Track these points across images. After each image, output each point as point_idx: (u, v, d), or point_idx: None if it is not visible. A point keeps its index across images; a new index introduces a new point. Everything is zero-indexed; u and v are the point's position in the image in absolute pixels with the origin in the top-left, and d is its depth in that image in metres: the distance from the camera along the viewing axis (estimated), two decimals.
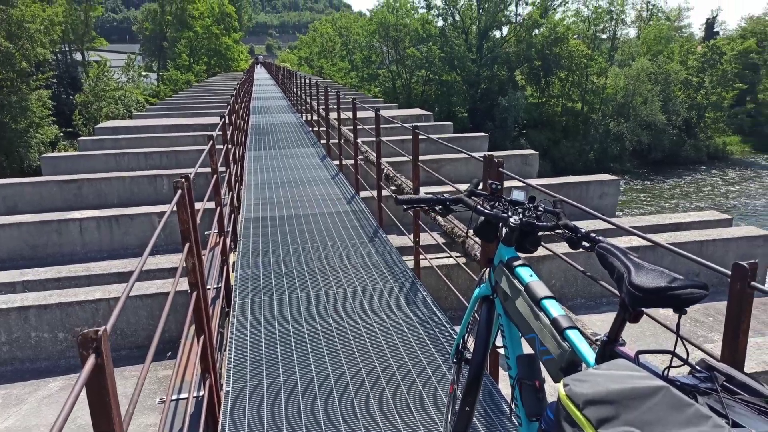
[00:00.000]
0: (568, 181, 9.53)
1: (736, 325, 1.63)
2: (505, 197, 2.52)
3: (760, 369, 3.47)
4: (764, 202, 29.22)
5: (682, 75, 39.15)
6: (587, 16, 43.03)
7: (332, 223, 6.66)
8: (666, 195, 31.12)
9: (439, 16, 42.75)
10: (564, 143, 37.74)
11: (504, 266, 2.36)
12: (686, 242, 6.04)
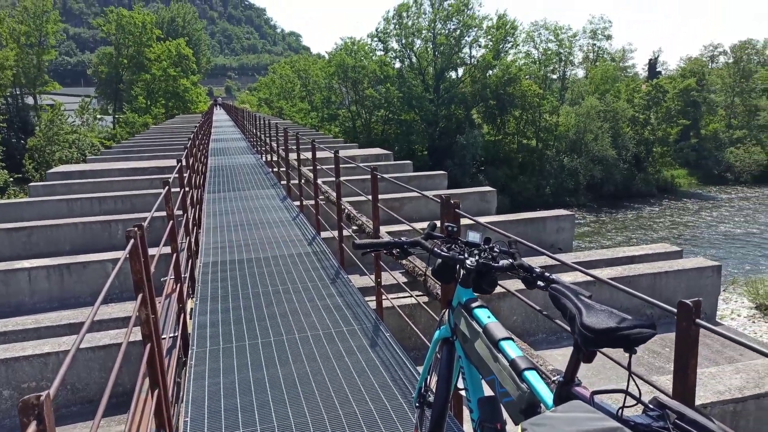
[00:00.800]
0: (526, 217, 9.75)
1: (685, 362, 1.68)
2: (461, 239, 2.56)
3: (715, 399, 3.56)
4: (711, 233, 30.45)
5: (629, 112, 40.99)
6: (537, 58, 44.91)
7: (293, 265, 6.60)
8: (620, 227, 32.12)
9: (396, 58, 43.87)
10: (521, 179, 38.70)
11: (462, 308, 2.37)
12: (640, 275, 6.22)
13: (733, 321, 19.13)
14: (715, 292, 6.41)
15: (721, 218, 33.61)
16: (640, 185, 39.77)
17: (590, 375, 4.85)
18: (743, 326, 18.96)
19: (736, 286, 21.93)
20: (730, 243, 28.66)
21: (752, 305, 20.04)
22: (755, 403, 3.60)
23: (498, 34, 42.15)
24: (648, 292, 6.30)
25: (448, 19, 41.22)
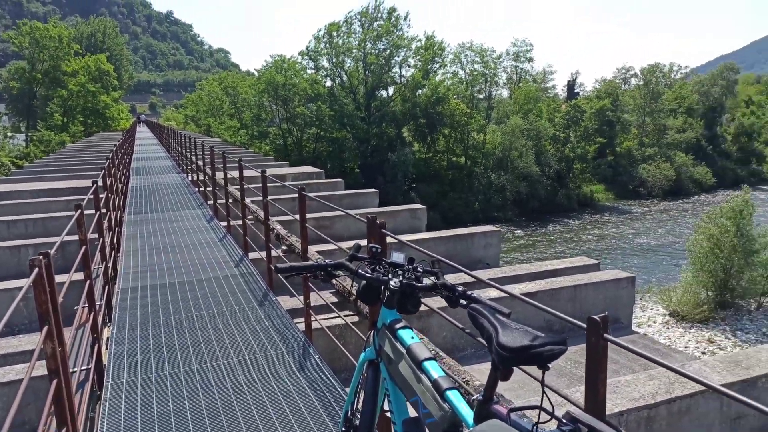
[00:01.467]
0: (455, 234, 9.95)
1: (595, 375, 1.75)
2: (386, 260, 2.56)
3: (630, 406, 3.73)
4: (627, 245, 32.27)
5: (551, 131, 42.97)
6: (465, 79, 46.38)
7: (219, 288, 6.39)
8: (544, 241, 33.42)
9: (327, 76, 44.02)
10: (451, 195, 39.57)
11: (387, 329, 2.37)
12: (562, 288, 6.48)
13: (649, 328, 20.25)
14: (631, 302, 6.77)
15: (636, 230, 35.70)
16: (563, 200, 41.61)
17: (516, 387, 4.98)
18: (659, 332, 20.11)
19: (651, 295, 23.28)
20: (644, 253, 30.47)
21: (666, 312, 21.31)
22: (666, 408, 3.80)
23: (426, 54, 43.24)
24: (569, 303, 6.57)
25: (378, 39, 41.89)
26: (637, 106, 51.63)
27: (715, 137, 53.19)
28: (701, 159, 49.75)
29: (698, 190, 47.39)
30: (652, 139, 50.88)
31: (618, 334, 6.34)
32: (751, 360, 4.31)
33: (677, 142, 49.88)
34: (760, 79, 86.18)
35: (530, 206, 40.53)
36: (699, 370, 4.19)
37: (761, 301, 21.61)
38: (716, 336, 19.55)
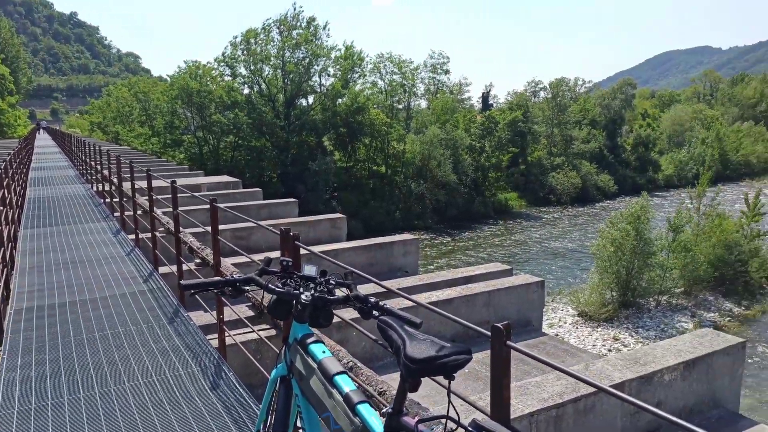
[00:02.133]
0: (376, 243, 10.00)
1: (500, 382, 1.80)
2: (297, 273, 2.52)
3: (540, 406, 3.88)
4: (539, 249, 33.85)
5: (467, 141, 44.39)
6: (384, 89, 47.01)
7: (125, 306, 6.03)
8: (462, 247, 34.39)
9: (245, 84, 43.11)
10: (373, 204, 39.85)
11: (298, 344, 2.33)
12: (477, 293, 6.67)
13: (560, 328, 21.30)
14: (541, 305, 7.08)
15: (547, 236, 37.52)
16: (479, 207, 43.04)
17: (434, 394, 5.05)
18: (569, 332, 21.19)
19: (561, 296, 24.50)
20: (555, 257, 32.07)
21: (575, 313, 22.49)
22: (573, 407, 3.99)
23: (346, 64, 43.42)
24: (485, 308, 6.77)
25: (297, 48, 41.58)
26: (546, 117, 54.46)
27: (616, 147, 57.09)
28: (604, 167, 53.17)
29: (602, 196, 50.59)
30: (560, 149, 53.79)
31: (530, 336, 6.61)
32: (648, 357, 4.62)
33: (583, 151, 53.04)
34: (654, 94, 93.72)
35: (449, 214, 41.58)
36: (602, 368, 4.44)
37: (659, 299, 23.33)
38: (621, 334, 20.86)
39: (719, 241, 23.85)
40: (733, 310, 22.78)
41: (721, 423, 4.59)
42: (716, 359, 4.66)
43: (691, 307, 22.90)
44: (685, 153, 59.55)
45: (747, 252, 24.28)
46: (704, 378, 4.64)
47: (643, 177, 55.38)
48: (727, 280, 24.00)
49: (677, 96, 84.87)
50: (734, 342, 4.77)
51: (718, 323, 21.70)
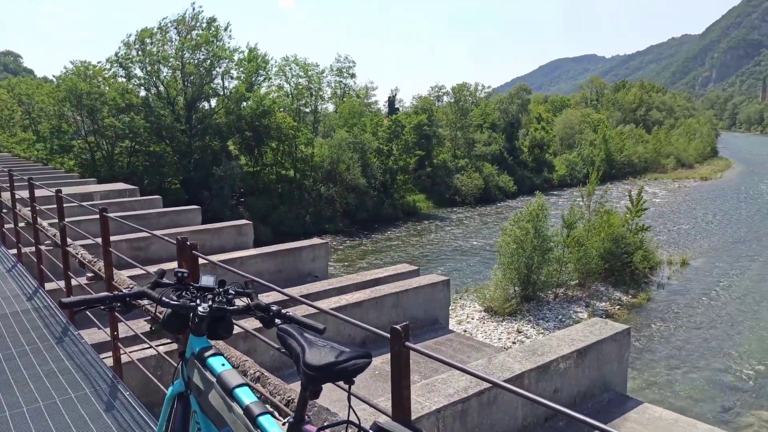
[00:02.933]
0: (283, 248, 9.83)
1: (400, 382, 1.82)
2: (194, 284, 2.43)
3: (446, 402, 3.99)
4: (445, 249, 34.90)
5: (375, 144, 44.91)
6: (290, 92, 46.48)
7: (7, 328, 5.51)
8: (373, 250, 34.73)
9: (141, 85, 40.91)
10: (282, 208, 39.24)
11: (195, 358, 2.25)
12: (386, 295, 6.75)
13: (468, 324, 22.05)
14: (447, 303, 7.30)
15: (454, 235, 38.77)
16: (389, 210, 43.67)
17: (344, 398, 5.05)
18: (476, 327, 21.99)
19: (469, 293, 25.39)
20: (463, 256, 33.20)
21: (482, 308, 23.39)
22: (477, 400, 4.15)
23: (250, 66, 42.46)
24: (393, 309, 6.87)
25: (197, 49, 40.05)
26: (450, 121, 56.34)
27: (515, 149, 60.15)
28: (504, 169, 55.84)
29: (503, 196, 53.07)
30: (463, 152, 55.82)
31: (437, 333, 6.80)
32: (545, 347, 4.90)
33: (484, 154, 55.38)
34: (547, 99, 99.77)
35: (359, 217, 41.82)
36: (503, 361, 4.65)
37: (557, 292, 24.80)
38: (523, 326, 21.95)
39: (608, 236, 25.77)
40: (622, 298, 24.69)
41: (611, 405, 4.96)
42: (605, 346, 5.03)
43: (585, 297, 24.55)
44: (575, 154, 63.91)
45: (632, 245, 26.42)
46: (595, 364, 4.99)
47: (539, 177, 58.74)
48: (616, 271, 25.98)
49: (567, 101, 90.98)
50: (620, 329, 5.18)
51: (609, 312, 23.44)
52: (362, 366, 1.66)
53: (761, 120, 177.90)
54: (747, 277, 27.55)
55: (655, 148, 73.36)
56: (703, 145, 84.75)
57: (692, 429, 4.46)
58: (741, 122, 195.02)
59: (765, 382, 17.28)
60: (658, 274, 27.89)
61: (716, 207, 47.69)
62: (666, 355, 19.36)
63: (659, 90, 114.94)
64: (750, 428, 14.87)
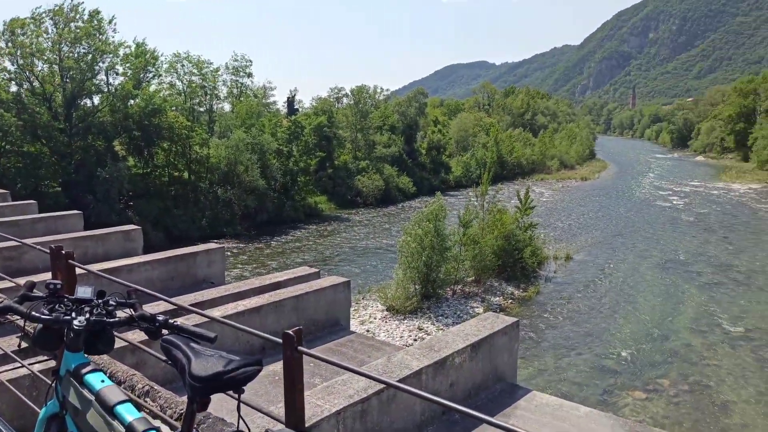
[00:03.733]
0: (175, 254, 9.36)
1: (293, 386, 1.80)
2: (69, 296, 2.25)
3: (346, 403, 4.01)
4: (348, 251, 35.09)
5: (274, 145, 44.14)
6: (182, 90, 44.46)
7: None
8: (274, 253, 34.12)
9: (11, 80, 37.24)
10: (176, 212, 37.44)
11: (71, 376, 2.08)
12: (285, 299, 6.65)
13: (371, 324, 22.31)
14: (348, 305, 7.33)
15: (356, 236, 39.04)
16: (290, 212, 43.12)
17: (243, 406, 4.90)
18: (379, 327, 22.30)
19: (371, 293, 25.69)
20: (366, 256, 33.51)
21: (384, 308, 23.76)
22: (377, 399, 4.20)
23: (137, 62, 40.08)
24: (294, 313, 6.78)
25: (77, 42, 37.13)
26: (350, 123, 56.69)
27: (413, 151, 61.73)
28: (404, 170, 57.13)
29: (403, 197, 54.27)
30: (364, 153, 56.38)
31: (338, 335, 6.81)
32: (441, 343, 5.07)
33: (384, 155, 56.30)
34: (442, 102, 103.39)
35: (259, 219, 40.90)
36: (402, 359, 4.75)
37: (455, 289, 25.77)
38: (424, 323, 22.58)
39: (500, 234, 27.20)
40: (514, 293, 26.14)
41: (503, 394, 5.23)
42: (497, 339, 5.30)
43: (481, 293, 25.72)
44: (470, 156, 66.78)
45: (522, 241, 28.08)
46: (488, 356, 5.24)
47: (437, 178, 60.71)
48: (508, 267, 27.48)
49: (462, 105, 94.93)
50: (510, 322, 5.48)
51: (503, 306, 24.72)
52: (252, 374, 1.62)
53: (632, 125, 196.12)
54: (623, 268, 30.23)
55: (541, 150, 78.46)
56: (582, 148, 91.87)
57: (575, 412, 4.82)
58: (615, 127, 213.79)
59: (639, 364, 19.05)
60: (546, 268, 29.85)
61: (595, 205, 51.88)
62: (554, 344, 20.75)
63: (544, 96, 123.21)
64: (627, 408, 16.30)
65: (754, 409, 15.87)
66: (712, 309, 23.80)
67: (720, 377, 17.85)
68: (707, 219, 43.50)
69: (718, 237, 37.15)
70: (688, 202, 51.63)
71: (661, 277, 28.80)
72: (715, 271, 29.23)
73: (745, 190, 57.69)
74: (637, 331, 21.77)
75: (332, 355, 6.38)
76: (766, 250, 33.47)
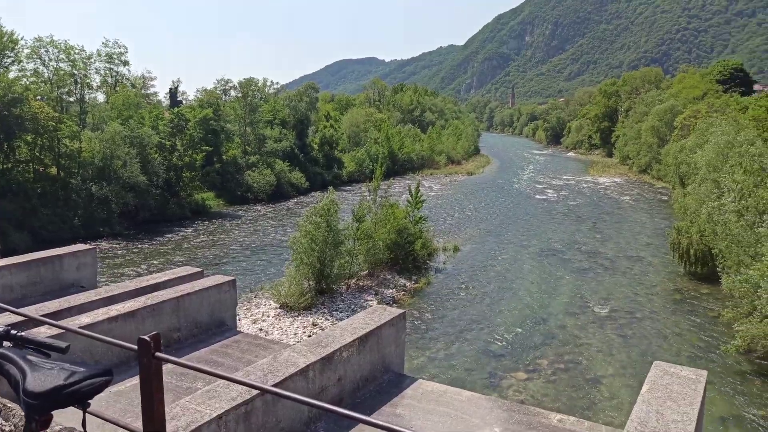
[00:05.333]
0: (39, 257, 8.48)
1: (150, 396, 1.65)
2: None
3: (228, 407, 3.82)
4: (239, 248, 34.00)
5: (156, 139, 41.60)
6: (49, 78, 40.52)
7: None
8: (157, 253, 32.23)
9: None
10: (43, 211, 34.12)
11: None
12: (164, 301, 6.25)
13: (264, 322, 21.79)
14: (233, 304, 7.05)
15: (248, 233, 37.92)
16: (175, 209, 40.95)
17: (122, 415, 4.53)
18: (272, 325, 21.85)
19: (264, 291, 25.09)
20: (258, 254, 32.63)
21: (278, 306, 23.32)
22: (261, 399, 4.06)
23: None
24: (174, 315, 6.41)
25: None
26: (238, 116, 54.87)
27: (305, 146, 61.10)
28: (296, 165, 56.38)
29: (296, 192, 53.57)
30: (254, 148, 54.88)
31: (224, 336, 6.52)
32: (329, 339, 5.01)
33: (276, 150, 55.19)
34: (334, 98, 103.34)
35: (140, 217, 38.46)
36: (289, 357, 4.63)
37: (349, 283, 25.89)
38: (318, 319, 22.46)
39: (393, 227, 27.74)
40: (406, 284, 26.81)
41: (390, 385, 5.29)
42: (384, 331, 5.35)
43: (374, 286, 26.08)
44: (362, 151, 67.36)
45: (414, 235, 28.85)
46: (375, 348, 5.27)
47: (330, 173, 60.60)
48: (400, 259, 28.11)
49: (353, 100, 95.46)
50: (397, 314, 5.55)
51: (396, 297, 25.26)
52: (99, 385, 1.46)
53: (512, 122, 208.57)
54: (506, 258, 32.08)
55: (430, 146, 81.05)
56: (468, 144, 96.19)
57: (458, 397, 4.99)
58: (497, 124, 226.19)
59: (521, 346, 20.32)
60: (436, 259, 30.93)
61: (480, 198, 54.56)
62: (444, 332, 21.56)
63: (431, 94, 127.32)
64: (511, 388, 17.34)
65: (619, 380, 17.54)
66: (582, 292, 25.96)
67: (590, 354, 19.53)
68: (578, 210, 47.35)
69: (588, 226, 40.57)
70: (561, 195, 55.85)
71: (539, 264, 30.91)
72: (585, 258, 31.90)
73: (610, 183, 63.51)
74: (519, 316, 23.22)
75: (218, 356, 6.10)
76: (627, 238, 37.11)
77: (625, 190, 58.37)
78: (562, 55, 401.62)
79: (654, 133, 61.71)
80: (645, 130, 64.30)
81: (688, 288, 26.32)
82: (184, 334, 6.32)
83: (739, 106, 43.49)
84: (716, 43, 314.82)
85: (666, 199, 50.69)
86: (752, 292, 18.57)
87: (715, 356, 19.13)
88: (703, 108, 49.81)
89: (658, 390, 3.84)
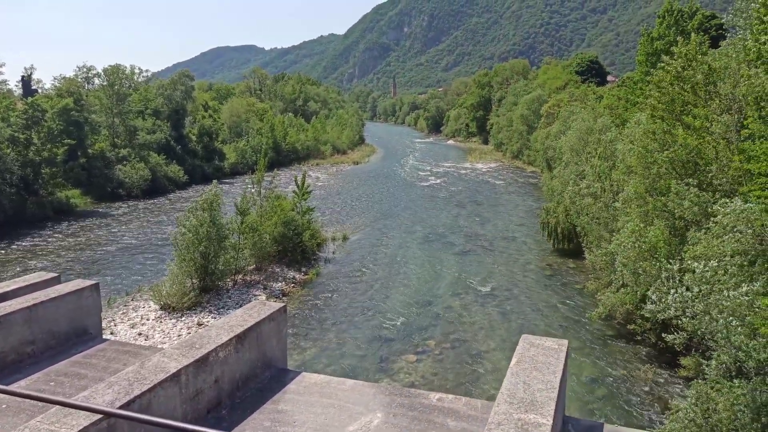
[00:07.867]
0: None
1: None
2: None
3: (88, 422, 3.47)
4: (111, 249, 31.55)
5: (7, 132, 37.31)
6: None
7: None
8: (12, 260, 29.00)
9: None
10: None
11: None
12: (13, 312, 5.57)
13: (143, 326, 20.41)
14: (97, 310, 6.47)
15: (121, 232, 35.29)
16: (34, 209, 37.11)
17: None
18: (152, 328, 20.54)
19: (142, 293, 23.51)
20: (133, 254, 30.45)
21: (158, 307, 21.96)
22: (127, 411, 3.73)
23: None
24: (26, 327, 5.74)
25: None
26: (104, 106, 50.68)
27: (182, 138, 57.92)
28: (173, 158, 53.31)
29: (174, 187, 50.72)
30: (124, 140, 51.09)
31: (87, 346, 5.94)
32: (204, 339, 4.74)
33: (149, 142, 51.78)
34: (211, 87, 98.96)
35: None
36: (158, 362, 4.31)
37: (236, 279, 25.04)
38: (204, 318, 21.49)
39: (279, 219, 27.19)
40: (296, 277, 26.46)
41: (273, 381, 5.13)
42: (264, 326, 5.16)
43: (263, 280, 25.44)
44: (244, 142, 65.26)
45: (301, 226, 28.50)
46: (255, 345, 5.08)
47: (210, 166, 58.07)
48: (288, 252, 27.66)
49: (233, 89, 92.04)
50: (277, 307, 5.38)
51: (285, 290, 24.83)
52: None
53: (394, 112, 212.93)
54: (393, 244, 32.75)
55: (315, 136, 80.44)
56: (353, 134, 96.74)
57: (341, 386, 4.96)
58: (380, 113, 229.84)
59: (410, 330, 20.90)
60: (325, 249, 30.84)
61: (367, 187, 55.17)
62: (335, 322, 21.58)
63: (314, 83, 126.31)
64: (401, 371, 17.78)
65: (501, 354, 18.65)
66: (465, 273, 27.24)
67: (474, 332, 20.57)
68: (458, 195, 49.53)
69: (468, 211, 42.59)
70: (443, 182, 58.09)
71: (425, 249, 31.94)
72: (467, 240, 33.48)
73: (487, 169, 67.15)
74: (408, 301, 23.86)
75: (80, 368, 5.55)
76: (503, 219, 39.47)
77: (500, 175, 61.98)
78: (439, 47, 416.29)
79: (523, 121, 66.00)
80: (515, 118, 68.58)
81: (558, 263, 28.58)
82: (40, 347, 5.67)
83: (595, 96, 47.74)
84: (575, 37, 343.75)
85: (536, 182, 54.56)
86: (610, 265, 20.54)
87: (582, 324, 20.99)
88: (564, 97, 54.07)
89: (525, 362, 4.08)
